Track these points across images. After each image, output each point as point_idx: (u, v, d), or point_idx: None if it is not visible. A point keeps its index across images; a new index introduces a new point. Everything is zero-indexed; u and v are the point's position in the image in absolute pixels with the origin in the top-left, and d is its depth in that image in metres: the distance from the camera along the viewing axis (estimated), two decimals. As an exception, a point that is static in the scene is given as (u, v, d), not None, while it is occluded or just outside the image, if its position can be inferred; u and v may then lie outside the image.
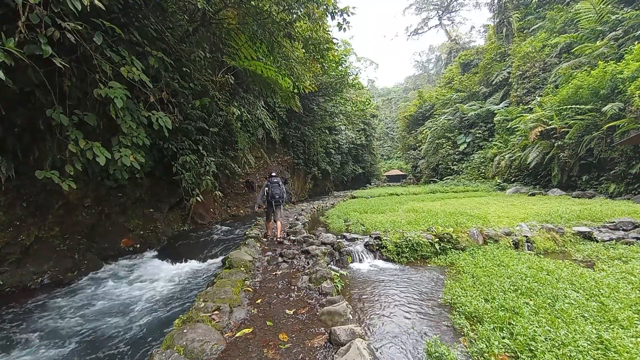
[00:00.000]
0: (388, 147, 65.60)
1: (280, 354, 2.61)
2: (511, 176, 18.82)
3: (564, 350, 2.37)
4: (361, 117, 30.69)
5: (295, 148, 20.22)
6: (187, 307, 4.08)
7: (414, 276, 4.64)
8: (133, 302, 4.62)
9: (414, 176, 37.35)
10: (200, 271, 5.99)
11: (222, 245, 7.52)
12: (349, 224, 8.08)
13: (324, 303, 3.47)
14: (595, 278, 3.85)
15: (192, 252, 7.08)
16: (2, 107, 4.03)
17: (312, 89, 11.15)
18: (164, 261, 6.67)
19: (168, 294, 4.87)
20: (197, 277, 5.67)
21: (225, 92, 9.08)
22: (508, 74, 25.73)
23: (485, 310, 3.13)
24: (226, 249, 6.97)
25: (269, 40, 8.19)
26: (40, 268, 5.55)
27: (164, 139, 7.40)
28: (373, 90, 73.47)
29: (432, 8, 57.17)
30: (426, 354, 2.61)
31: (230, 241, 7.82)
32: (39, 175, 4.20)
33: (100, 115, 4.90)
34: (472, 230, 5.98)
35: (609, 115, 11.85)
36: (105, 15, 4.39)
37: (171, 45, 6.42)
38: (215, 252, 6.99)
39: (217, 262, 6.30)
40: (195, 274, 5.85)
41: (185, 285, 5.26)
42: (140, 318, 4.07)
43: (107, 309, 4.41)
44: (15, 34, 3.40)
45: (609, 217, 7.08)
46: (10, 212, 5.31)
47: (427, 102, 38.51)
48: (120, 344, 3.45)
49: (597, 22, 16.63)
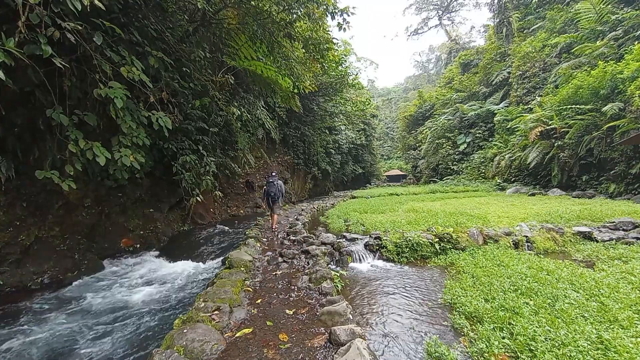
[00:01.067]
0: (388, 147, 65.59)
1: (280, 354, 2.61)
2: (511, 176, 18.82)
3: (564, 350, 2.37)
4: (361, 117, 30.68)
5: (295, 148, 20.22)
6: (187, 307, 4.09)
7: (414, 276, 4.64)
8: (132, 302, 4.62)
9: (414, 176, 37.35)
10: (200, 271, 5.99)
11: (222, 245, 7.52)
12: (349, 224, 8.08)
13: (324, 303, 3.46)
14: (595, 278, 3.85)
15: (192, 252, 7.08)
16: (2, 107, 4.03)
17: (312, 89, 11.16)
18: (163, 261, 6.67)
19: (168, 294, 4.87)
20: (197, 277, 5.67)
21: (225, 92, 9.08)
22: (508, 74, 25.73)
23: (485, 310, 3.12)
24: (226, 249, 6.97)
25: (269, 40, 8.19)
26: (40, 268, 5.55)
27: (164, 139, 7.41)
28: (373, 90, 73.46)
29: (432, 8, 57.16)
30: (426, 353, 2.61)
31: (230, 241, 7.82)
32: (39, 175, 4.20)
33: (100, 115, 4.90)
34: (472, 230, 5.98)
35: (609, 115, 11.84)
36: (105, 15, 4.39)
37: (171, 45, 6.42)
38: (215, 252, 6.99)
39: (217, 262, 6.30)
40: (195, 273, 5.85)
41: (185, 285, 5.26)
42: (140, 318, 4.07)
43: (106, 309, 4.40)
44: (15, 34, 3.40)
45: (609, 217, 7.08)
46: (10, 212, 5.32)
47: (427, 102, 38.51)
48: (120, 344, 3.45)
49: (597, 22, 16.62)
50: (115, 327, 3.86)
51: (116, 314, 4.23)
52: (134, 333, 3.69)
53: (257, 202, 14.49)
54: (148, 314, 4.17)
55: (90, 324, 3.95)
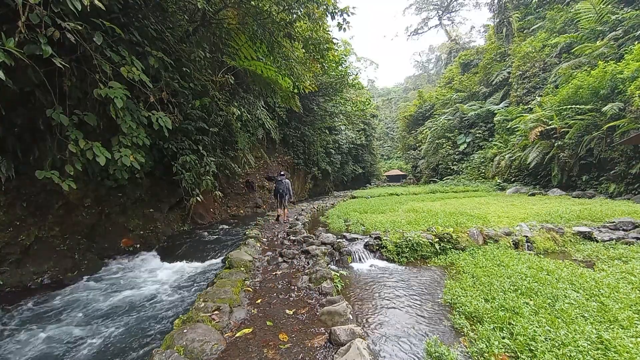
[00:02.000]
0: (388, 147, 65.59)
1: (280, 354, 2.61)
2: (511, 176, 18.82)
3: (564, 350, 2.37)
4: (361, 117, 30.68)
5: (295, 148, 20.22)
6: (187, 307, 4.09)
7: (414, 276, 4.64)
8: (132, 302, 4.61)
9: (414, 176, 37.36)
10: (200, 271, 5.99)
11: (222, 245, 7.52)
12: (349, 224, 8.08)
13: (324, 303, 3.46)
14: (595, 278, 3.85)
15: (192, 252, 7.08)
16: (2, 107, 4.03)
17: (312, 89, 11.16)
18: (163, 261, 6.66)
19: (168, 294, 4.87)
20: (197, 277, 5.66)
21: (225, 92, 9.08)
22: (508, 74, 25.74)
23: (485, 310, 3.12)
24: (226, 249, 6.97)
25: (269, 40, 8.19)
26: (40, 268, 5.54)
27: (164, 139, 7.40)
28: (373, 90, 73.45)
29: (432, 8, 57.17)
30: (426, 353, 2.61)
31: (230, 241, 7.82)
32: (39, 175, 4.19)
33: (100, 115, 4.90)
34: (472, 230, 5.98)
35: (609, 115, 11.85)
36: (105, 15, 4.39)
37: (171, 45, 6.42)
38: (215, 252, 6.99)
39: (217, 262, 6.30)
40: (195, 273, 5.85)
41: (185, 285, 5.26)
42: (140, 318, 4.06)
43: (106, 309, 4.40)
44: (15, 34, 3.40)
45: (609, 217, 7.08)
46: (10, 212, 5.31)
47: (427, 102, 38.51)
48: (120, 344, 3.45)
49: (597, 22, 16.63)
50: (115, 327, 3.86)
51: (116, 314, 4.22)
52: (134, 333, 3.69)
53: (257, 202, 14.50)
54: (148, 314, 4.17)
55: (90, 324, 3.95)
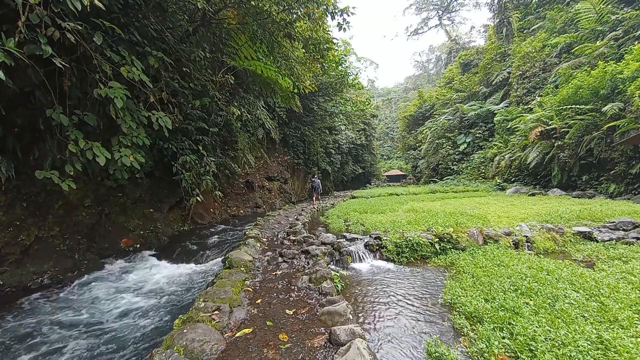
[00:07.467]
0: (388, 147, 65.59)
1: (280, 354, 2.61)
2: (511, 176, 18.82)
3: (564, 350, 2.37)
4: (361, 117, 30.65)
5: (295, 148, 20.22)
6: (187, 307, 4.09)
7: (414, 276, 4.64)
8: (132, 302, 4.62)
9: (414, 176, 37.37)
10: (200, 271, 5.99)
11: (222, 245, 7.52)
12: (349, 224, 8.07)
13: (324, 303, 3.46)
14: (595, 278, 3.85)
15: (192, 252, 7.08)
16: (2, 107, 4.03)
17: (312, 89, 11.15)
18: (163, 261, 6.67)
19: (168, 294, 4.87)
20: (197, 277, 5.67)
21: (225, 92, 9.08)
22: (508, 74, 25.74)
23: (485, 310, 3.12)
24: (226, 249, 6.97)
25: (269, 40, 8.19)
26: (40, 268, 5.55)
27: (164, 139, 7.41)
28: (373, 90, 73.46)
29: (432, 8, 57.15)
30: (426, 353, 2.61)
31: (230, 241, 7.83)
32: (39, 175, 4.20)
33: (100, 115, 4.90)
34: (472, 230, 5.98)
35: (609, 115, 11.84)
36: (105, 15, 4.39)
37: (171, 45, 6.42)
38: (215, 252, 6.99)
39: (217, 262, 6.30)
40: (195, 273, 5.85)
41: (185, 285, 5.26)
42: (140, 318, 4.07)
43: (106, 309, 4.40)
44: (15, 34, 3.40)
45: (609, 217, 7.08)
46: (10, 212, 5.32)
47: (427, 102, 38.54)
48: (120, 344, 3.45)
49: (597, 22, 16.63)
50: (115, 327, 3.86)
51: (116, 314, 4.23)
52: (134, 333, 3.69)
53: (257, 202, 14.50)
54: (148, 314, 4.17)
55: (90, 324, 3.95)
